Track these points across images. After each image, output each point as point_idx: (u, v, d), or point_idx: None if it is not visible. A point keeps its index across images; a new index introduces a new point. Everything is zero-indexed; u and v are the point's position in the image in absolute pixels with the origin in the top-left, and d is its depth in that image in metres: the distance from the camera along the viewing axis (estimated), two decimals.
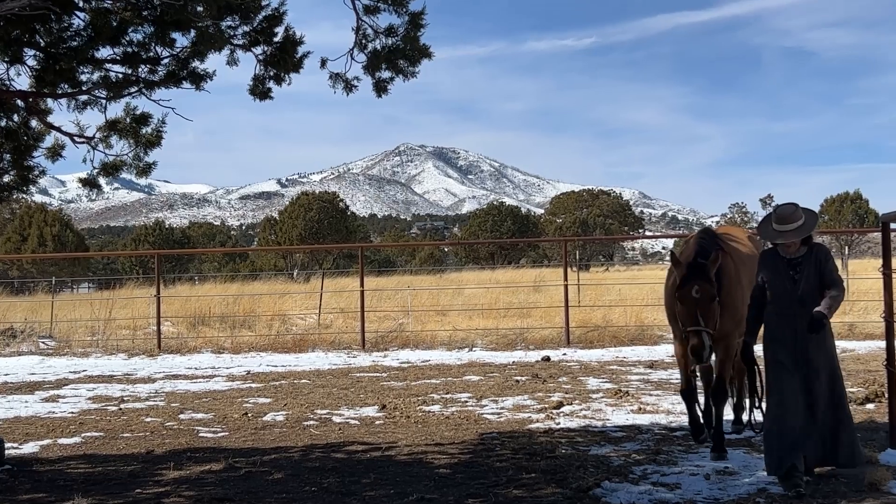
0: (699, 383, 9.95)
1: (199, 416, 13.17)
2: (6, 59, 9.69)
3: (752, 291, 8.37)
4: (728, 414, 10.27)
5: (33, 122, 10.63)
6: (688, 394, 9.58)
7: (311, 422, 12.44)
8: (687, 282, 8.46)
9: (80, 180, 11.34)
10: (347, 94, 10.44)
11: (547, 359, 18.91)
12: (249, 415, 13.05)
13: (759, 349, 8.32)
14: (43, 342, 24.14)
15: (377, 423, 12.26)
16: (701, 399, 9.75)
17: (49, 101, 10.40)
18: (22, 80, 10.24)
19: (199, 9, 9.18)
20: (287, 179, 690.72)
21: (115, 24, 9.37)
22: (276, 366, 19.27)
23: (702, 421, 9.56)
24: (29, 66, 9.91)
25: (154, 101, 10.32)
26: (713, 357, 8.78)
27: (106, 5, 9.21)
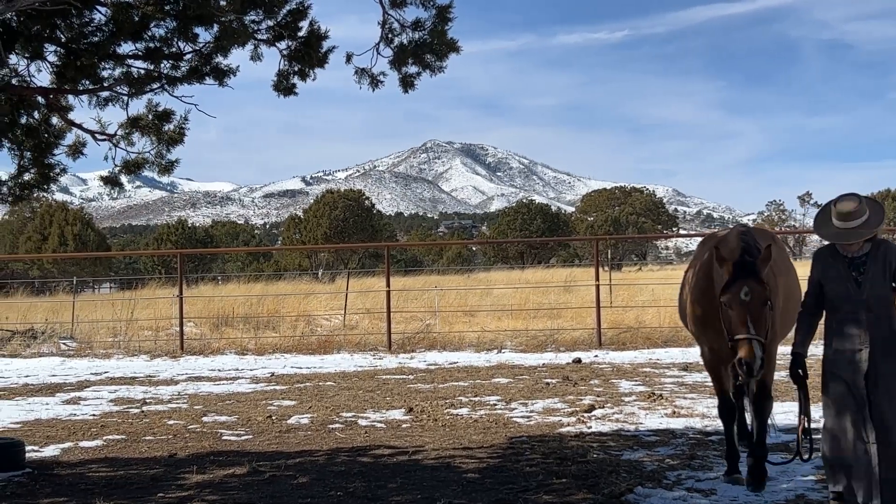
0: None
1: (223, 418, 13.22)
2: (27, 55, 9.76)
3: (805, 297, 7.35)
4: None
5: (54, 119, 10.70)
6: (727, 412, 8.79)
7: (337, 425, 12.46)
8: (734, 282, 7.42)
9: (102, 178, 11.40)
10: (373, 90, 10.47)
11: (578, 361, 18.87)
12: (273, 417, 13.08)
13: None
14: (64, 343, 24.30)
15: (404, 426, 12.27)
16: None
17: (70, 97, 10.47)
18: (42, 77, 10.32)
19: (223, 3, 9.22)
20: (312, 177, 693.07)
21: (136, 18, 9.42)
22: (300, 367, 19.32)
23: (738, 447, 8.82)
24: (49, 62, 9.98)
25: (176, 97, 10.38)
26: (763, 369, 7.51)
27: (128, 0, 9.26)
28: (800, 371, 7.02)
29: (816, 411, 7.31)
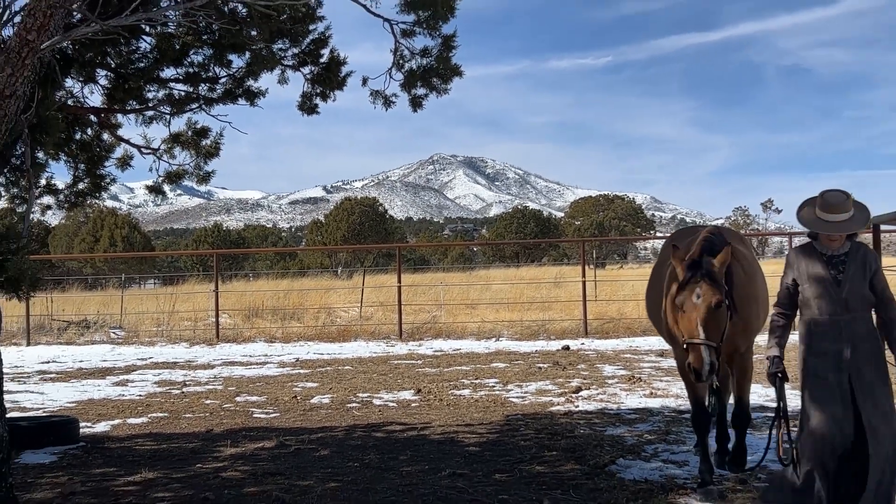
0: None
1: (254, 398, 13.24)
2: (81, 79, 9.77)
3: (779, 297, 6.32)
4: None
5: (105, 136, 10.71)
6: (701, 420, 7.36)
7: (354, 404, 12.47)
8: (688, 283, 6.30)
9: (147, 187, 11.43)
10: (386, 109, 10.46)
11: (567, 348, 18.87)
12: (298, 398, 13.10)
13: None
14: (113, 332, 24.35)
15: (413, 405, 12.28)
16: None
17: (119, 116, 10.48)
18: (95, 98, 10.34)
19: (253, 33, 9.23)
20: (332, 186, 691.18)
21: (178, 47, 9.44)
22: (322, 354, 19.35)
23: (713, 461, 7.45)
24: (101, 85, 9.99)
25: (213, 116, 10.39)
26: (713, 375, 6.30)
27: (170, 30, 9.27)
28: (778, 374, 6.13)
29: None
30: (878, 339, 6.00)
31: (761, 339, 6.97)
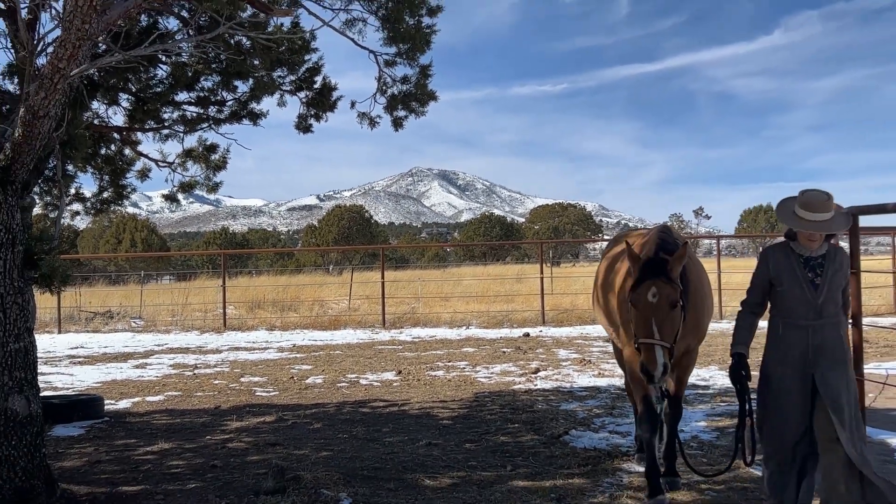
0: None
1: (256, 379, 13.18)
2: (105, 102, 9.70)
3: (749, 294, 5.33)
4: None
5: (126, 151, 10.63)
6: (648, 421, 6.01)
7: (343, 384, 12.44)
8: (643, 281, 5.35)
9: (163, 196, 11.35)
10: (371, 129, 10.43)
11: (527, 335, 18.91)
12: (295, 378, 13.06)
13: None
14: (134, 322, 24.16)
15: (394, 384, 12.27)
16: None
17: (139, 134, 10.41)
18: (117, 118, 10.26)
19: (256, 62, 9.21)
20: (324, 195, 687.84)
21: (190, 74, 9.40)
22: (315, 340, 19.28)
23: (659, 464, 6.12)
24: (123, 107, 9.92)
25: (221, 134, 10.34)
26: (666, 375, 5.40)
27: (183, 59, 9.22)
28: (742, 372, 5.19)
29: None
30: (845, 345, 5.13)
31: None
